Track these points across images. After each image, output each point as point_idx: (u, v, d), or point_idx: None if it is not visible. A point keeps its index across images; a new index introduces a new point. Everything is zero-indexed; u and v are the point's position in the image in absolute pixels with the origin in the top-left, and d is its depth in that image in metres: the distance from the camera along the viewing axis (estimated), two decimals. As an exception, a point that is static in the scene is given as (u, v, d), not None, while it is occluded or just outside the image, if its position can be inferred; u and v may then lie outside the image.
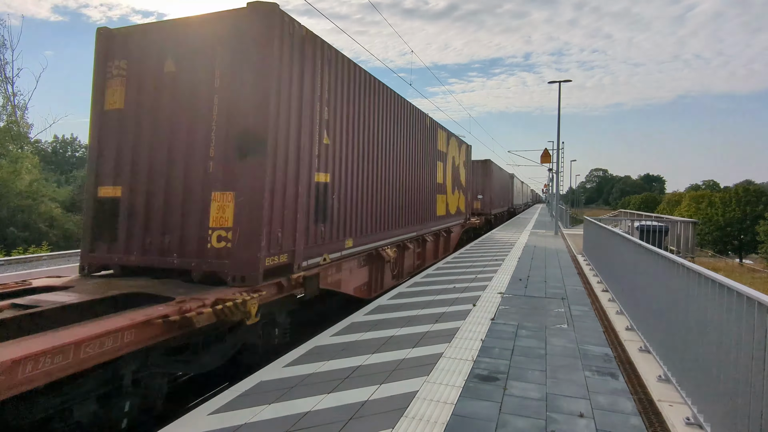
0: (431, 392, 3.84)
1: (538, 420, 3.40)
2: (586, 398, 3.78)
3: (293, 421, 3.33)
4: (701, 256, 36.25)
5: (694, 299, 3.45)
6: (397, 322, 5.93)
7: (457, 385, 3.98)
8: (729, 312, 2.81)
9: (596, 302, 7.29)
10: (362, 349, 4.89)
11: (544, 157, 24.63)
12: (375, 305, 6.82)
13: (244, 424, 3.26)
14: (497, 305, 6.89)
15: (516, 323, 5.96)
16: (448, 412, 3.49)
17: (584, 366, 4.50)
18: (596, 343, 5.20)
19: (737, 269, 34.60)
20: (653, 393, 3.88)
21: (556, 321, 6.12)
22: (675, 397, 3.75)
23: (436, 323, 5.88)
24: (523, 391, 3.89)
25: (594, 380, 4.16)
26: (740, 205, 48.74)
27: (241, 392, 3.80)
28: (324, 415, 3.43)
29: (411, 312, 6.42)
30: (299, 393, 3.79)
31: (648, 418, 3.47)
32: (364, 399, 3.69)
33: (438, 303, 6.98)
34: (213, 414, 3.42)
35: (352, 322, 5.93)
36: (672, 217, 17.73)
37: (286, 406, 3.55)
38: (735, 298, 2.75)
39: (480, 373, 4.28)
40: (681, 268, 3.78)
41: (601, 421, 3.39)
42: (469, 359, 4.62)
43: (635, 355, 4.80)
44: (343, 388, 3.89)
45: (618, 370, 4.42)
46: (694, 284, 3.44)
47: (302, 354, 4.71)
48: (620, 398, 3.79)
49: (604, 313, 6.58)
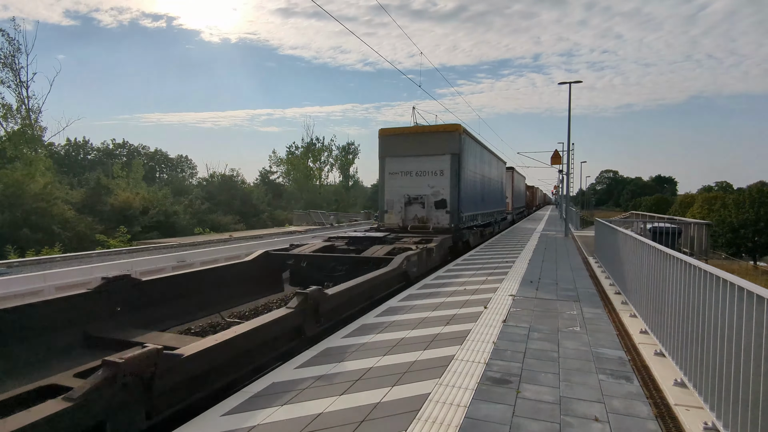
0: (444, 395, 3.82)
1: (552, 424, 3.37)
2: (601, 402, 3.74)
3: (306, 422, 3.33)
4: (714, 258, 35.73)
5: (710, 302, 3.40)
6: (408, 323, 5.92)
7: (469, 388, 3.95)
8: (748, 315, 2.76)
9: (609, 305, 7.21)
10: (374, 350, 4.89)
11: (554, 159, 24.46)
12: (385, 307, 6.82)
13: (257, 425, 3.27)
14: (508, 307, 6.85)
15: (528, 326, 5.92)
16: (461, 415, 3.47)
17: (598, 369, 4.45)
18: (610, 347, 5.15)
19: (751, 271, 34.07)
20: (669, 397, 3.83)
21: (569, 323, 6.07)
22: (692, 402, 3.69)
23: (447, 325, 5.85)
24: (536, 395, 3.86)
25: (608, 384, 4.11)
26: (754, 206, 47.98)
27: (253, 393, 3.81)
28: (336, 416, 3.43)
29: (422, 314, 6.41)
30: (311, 394, 3.80)
31: (665, 422, 3.42)
32: (377, 401, 3.69)
33: (449, 305, 6.95)
34: (226, 415, 3.43)
35: (363, 323, 5.93)
36: (685, 219, 17.51)
37: (298, 408, 3.55)
38: (755, 301, 2.70)
39: (492, 375, 4.25)
40: (697, 271, 3.73)
41: (616, 426, 3.35)
42: (482, 362, 4.59)
43: (650, 359, 4.74)
44: (355, 390, 3.89)
45: (633, 373, 4.36)
46: (711, 287, 3.39)
47: (314, 355, 4.72)
48: (636, 402, 3.74)
49: (618, 316, 6.51)
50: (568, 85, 20.86)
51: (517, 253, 13.63)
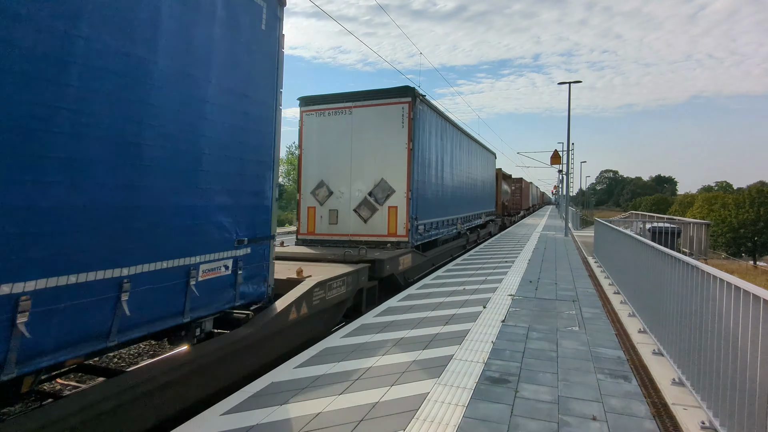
0: (442, 394, 3.83)
1: (550, 423, 3.38)
2: (599, 401, 3.75)
3: (305, 422, 3.34)
4: (714, 258, 35.74)
5: (709, 302, 3.41)
6: (408, 323, 5.93)
7: (468, 387, 3.97)
8: (745, 315, 2.78)
9: (608, 304, 7.22)
10: (373, 350, 4.90)
11: (554, 159, 24.47)
12: (385, 307, 6.83)
13: (256, 425, 3.28)
14: (507, 307, 6.86)
15: (527, 325, 5.93)
16: (460, 414, 3.48)
17: (596, 369, 4.47)
18: (608, 346, 5.16)
19: (751, 271, 34.06)
20: (667, 396, 3.84)
21: (568, 323, 6.08)
22: (690, 401, 3.70)
23: (446, 325, 5.87)
24: (534, 394, 3.87)
25: (606, 383, 4.12)
26: (754, 206, 48.01)
27: (253, 393, 3.82)
28: (335, 416, 3.44)
29: (421, 314, 6.42)
30: (311, 394, 3.81)
31: (662, 421, 3.43)
32: (375, 400, 3.70)
33: (448, 305, 6.97)
34: (225, 414, 3.44)
35: (362, 323, 5.94)
36: (684, 219, 17.52)
37: (297, 407, 3.57)
38: (751, 301, 2.71)
39: (491, 375, 4.27)
40: (695, 270, 3.74)
41: (614, 425, 3.36)
42: (480, 361, 4.60)
43: (648, 358, 4.75)
44: (354, 390, 3.90)
45: (631, 373, 4.38)
46: (709, 287, 3.41)
47: (313, 355, 4.73)
48: (633, 401, 3.76)
49: (616, 316, 6.52)
50: (567, 85, 20.89)
51: (516, 253, 13.64)
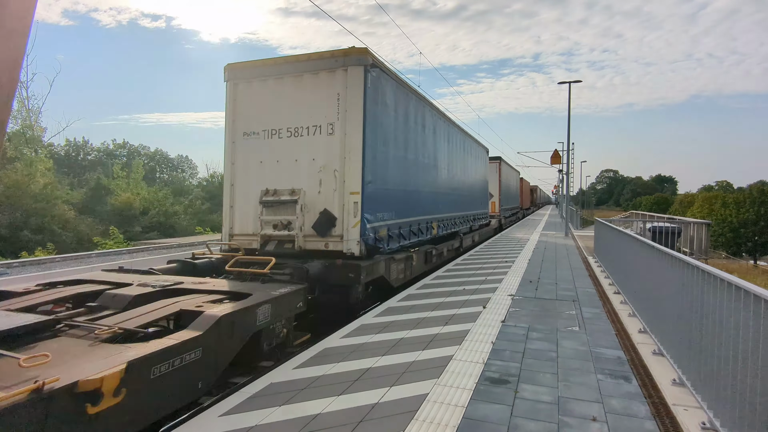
0: (442, 395, 3.82)
1: (550, 424, 3.37)
2: (599, 402, 3.73)
3: (304, 423, 3.33)
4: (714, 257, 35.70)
5: (709, 302, 3.40)
6: (407, 324, 5.92)
7: (467, 388, 3.95)
8: (746, 315, 2.76)
9: (608, 304, 7.21)
10: (372, 351, 4.89)
11: (554, 158, 24.45)
12: (384, 307, 6.82)
13: (255, 426, 3.27)
14: (507, 307, 6.85)
15: (527, 325, 5.92)
16: (459, 415, 3.47)
17: (596, 369, 4.45)
18: (608, 346, 5.14)
19: (751, 271, 34.01)
20: (667, 397, 3.83)
21: (568, 323, 6.07)
22: (690, 402, 3.69)
23: (446, 325, 5.85)
24: (534, 395, 3.86)
25: (607, 384, 4.11)
26: (754, 206, 47.91)
27: (251, 394, 3.81)
28: (334, 417, 3.43)
29: (421, 314, 6.40)
30: (309, 395, 3.80)
31: (662, 422, 3.42)
32: (375, 401, 3.68)
33: (448, 305, 6.95)
34: (224, 415, 3.43)
35: (361, 324, 5.93)
36: (685, 219, 17.50)
37: (296, 408, 3.55)
38: (752, 301, 2.70)
39: (491, 375, 4.25)
40: (695, 270, 3.73)
41: (614, 425, 3.34)
42: (480, 362, 4.59)
43: (648, 359, 4.74)
44: (353, 391, 3.89)
45: (631, 373, 4.36)
46: (710, 287, 3.39)
47: (312, 356, 4.72)
48: (634, 402, 3.74)
49: (617, 316, 6.51)
50: (567, 84, 20.86)
51: (516, 253, 13.62)
